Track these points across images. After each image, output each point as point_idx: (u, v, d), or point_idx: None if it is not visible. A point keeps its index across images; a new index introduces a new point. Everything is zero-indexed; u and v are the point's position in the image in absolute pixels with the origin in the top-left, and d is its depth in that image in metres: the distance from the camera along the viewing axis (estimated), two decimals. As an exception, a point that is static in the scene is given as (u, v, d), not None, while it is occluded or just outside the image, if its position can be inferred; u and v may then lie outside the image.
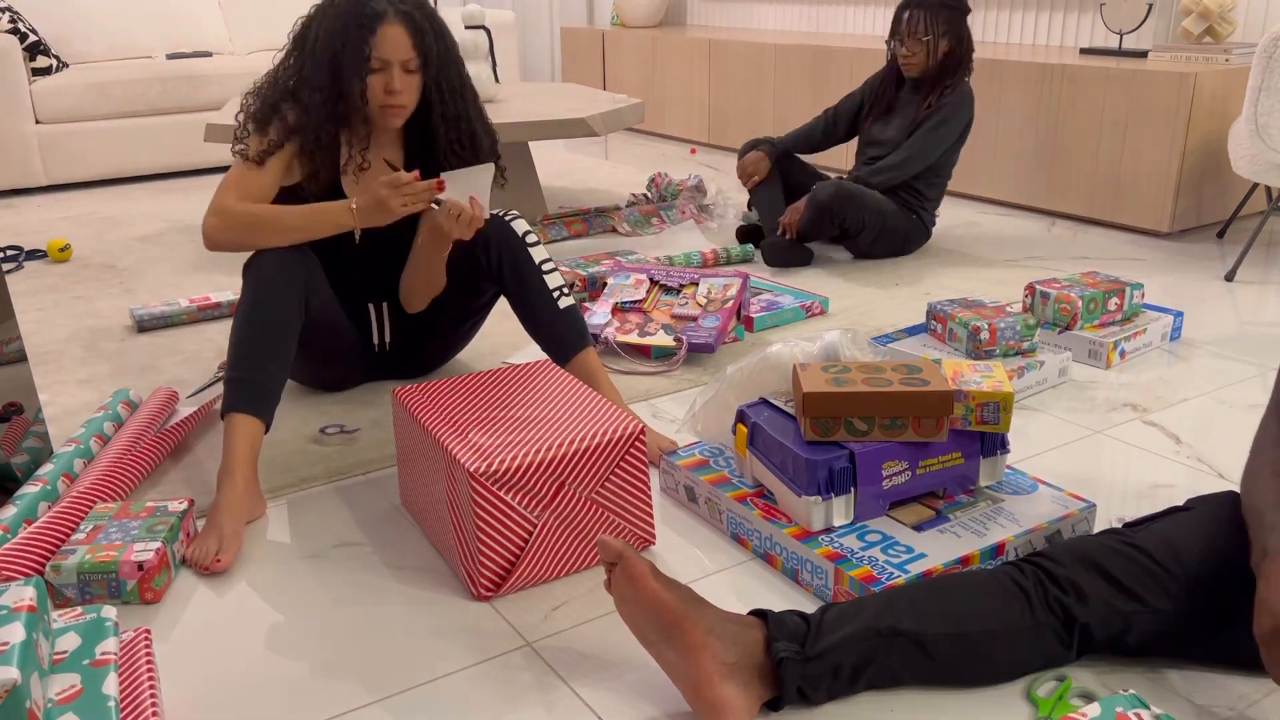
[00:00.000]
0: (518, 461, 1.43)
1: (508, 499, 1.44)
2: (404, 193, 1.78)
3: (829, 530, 1.51)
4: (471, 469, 1.41)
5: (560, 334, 1.95)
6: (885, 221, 3.01)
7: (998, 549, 1.48)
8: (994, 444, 1.60)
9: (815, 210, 2.94)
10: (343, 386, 2.19)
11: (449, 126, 1.95)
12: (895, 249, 3.10)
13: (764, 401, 1.67)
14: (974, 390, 1.55)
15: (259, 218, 1.82)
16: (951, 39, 2.98)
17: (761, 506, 1.59)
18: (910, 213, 3.08)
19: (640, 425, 1.52)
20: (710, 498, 1.67)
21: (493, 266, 1.98)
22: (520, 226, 1.98)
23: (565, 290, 1.97)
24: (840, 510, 1.51)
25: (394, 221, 1.83)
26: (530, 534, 1.47)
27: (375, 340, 2.16)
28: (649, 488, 1.57)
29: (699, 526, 1.68)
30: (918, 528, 1.52)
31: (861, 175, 3.02)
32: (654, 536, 1.59)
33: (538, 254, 1.98)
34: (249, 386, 1.73)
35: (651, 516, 1.58)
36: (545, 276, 1.97)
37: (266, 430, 1.75)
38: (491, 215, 1.99)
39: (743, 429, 1.65)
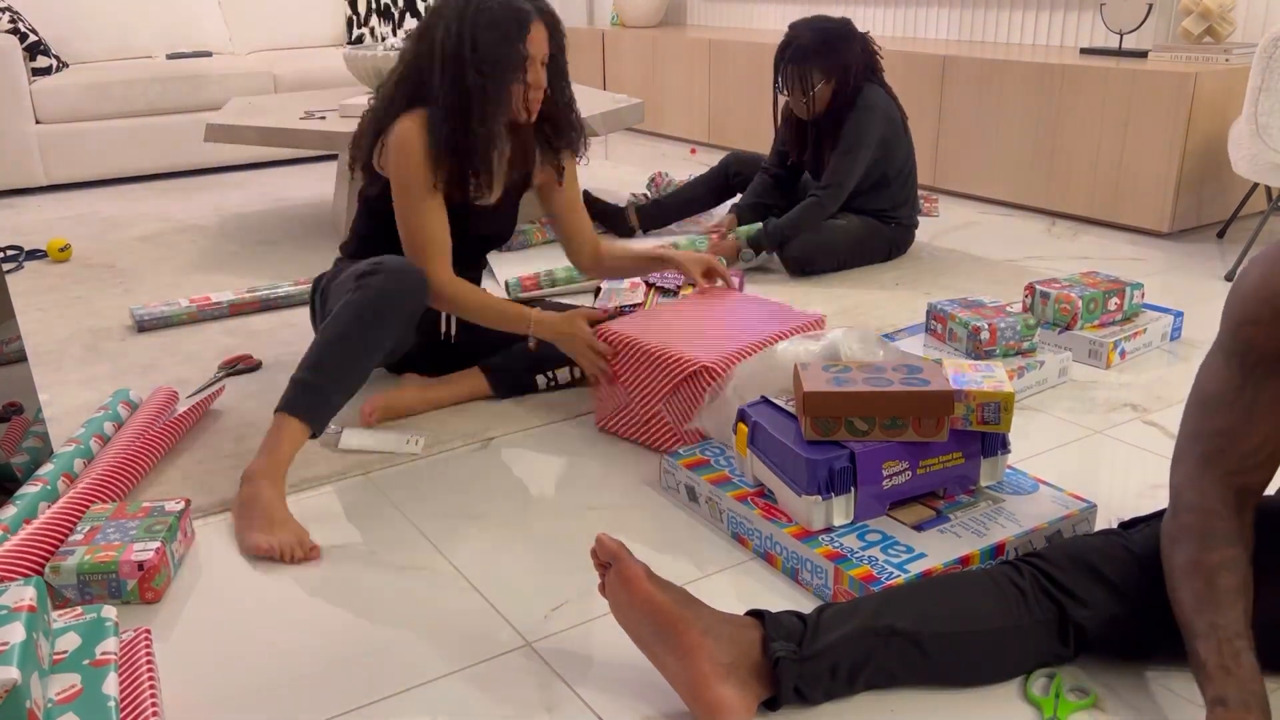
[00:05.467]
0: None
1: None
2: (594, 356, 1.93)
3: (829, 530, 1.51)
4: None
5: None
6: (862, 247, 3.00)
7: (998, 549, 1.48)
8: (995, 444, 1.60)
9: (789, 262, 2.94)
10: (408, 368, 2.20)
11: (563, 104, 2.04)
12: (882, 259, 3.09)
13: (765, 401, 1.67)
14: (975, 390, 1.55)
15: (467, 306, 1.98)
16: (835, 77, 2.90)
17: (762, 506, 1.59)
18: (885, 224, 3.04)
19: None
20: (711, 497, 1.67)
21: None
22: None
23: None
24: (840, 510, 1.51)
25: (492, 221, 2.08)
26: None
27: (443, 331, 2.16)
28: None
29: (699, 526, 1.68)
30: (918, 527, 1.52)
31: (785, 225, 2.93)
32: None
33: None
34: (316, 394, 1.73)
35: None
36: None
37: (311, 438, 1.76)
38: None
39: (743, 428, 1.65)
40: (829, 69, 2.89)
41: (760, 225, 3.02)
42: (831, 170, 2.91)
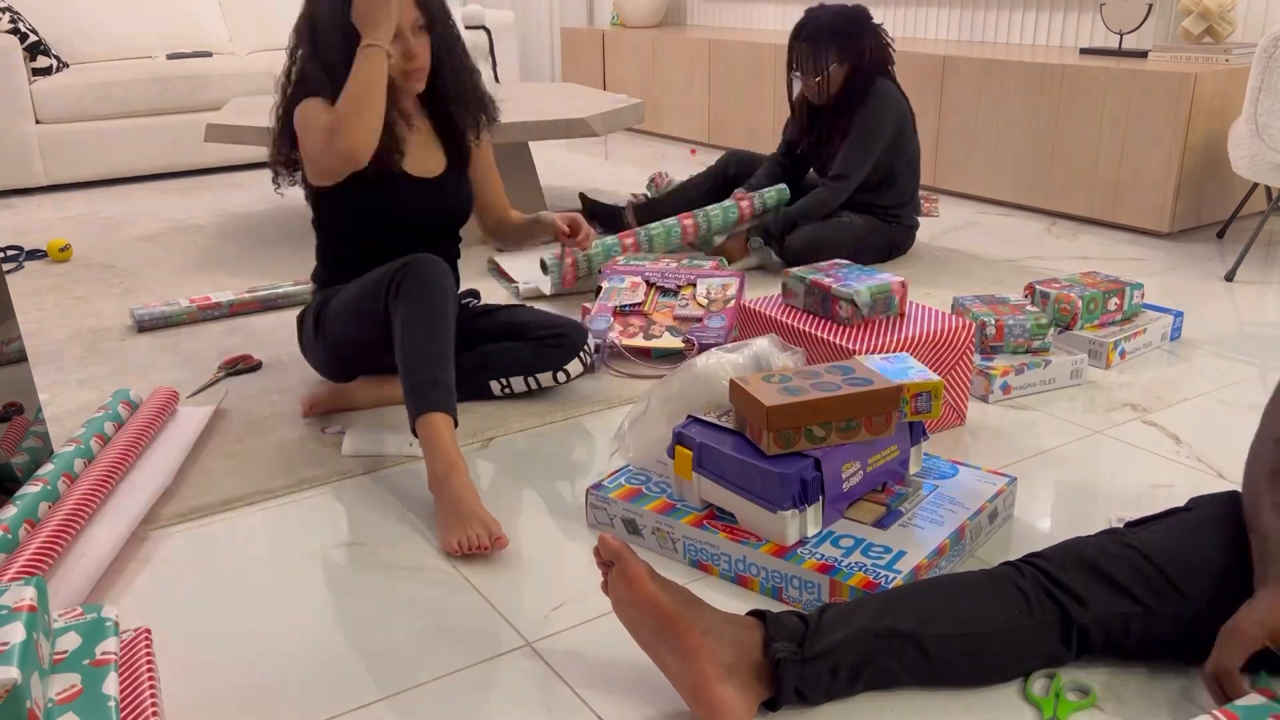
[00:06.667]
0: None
1: None
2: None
3: (802, 542, 1.48)
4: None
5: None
6: (864, 245, 2.98)
7: (959, 533, 1.51)
8: (919, 432, 1.64)
9: (791, 258, 2.93)
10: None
11: (456, 77, 2.06)
12: (882, 258, 3.09)
13: (696, 420, 1.61)
14: (908, 383, 1.58)
15: (338, 114, 1.89)
16: (849, 61, 2.91)
17: (723, 529, 1.53)
18: (887, 223, 3.03)
19: None
20: (659, 527, 1.58)
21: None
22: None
23: None
24: (812, 520, 1.49)
25: (442, 194, 2.11)
26: None
27: None
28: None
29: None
30: (879, 524, 1.52)
31: (793, 213, 2.94)
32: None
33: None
34: (442, 388, 1.75)
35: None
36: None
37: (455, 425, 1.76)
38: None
39: (685, 451, 1.57)
40: (844, 51, 2.90)
41: (782, 185, 3.04)
42: (841, 160, 2.91)
